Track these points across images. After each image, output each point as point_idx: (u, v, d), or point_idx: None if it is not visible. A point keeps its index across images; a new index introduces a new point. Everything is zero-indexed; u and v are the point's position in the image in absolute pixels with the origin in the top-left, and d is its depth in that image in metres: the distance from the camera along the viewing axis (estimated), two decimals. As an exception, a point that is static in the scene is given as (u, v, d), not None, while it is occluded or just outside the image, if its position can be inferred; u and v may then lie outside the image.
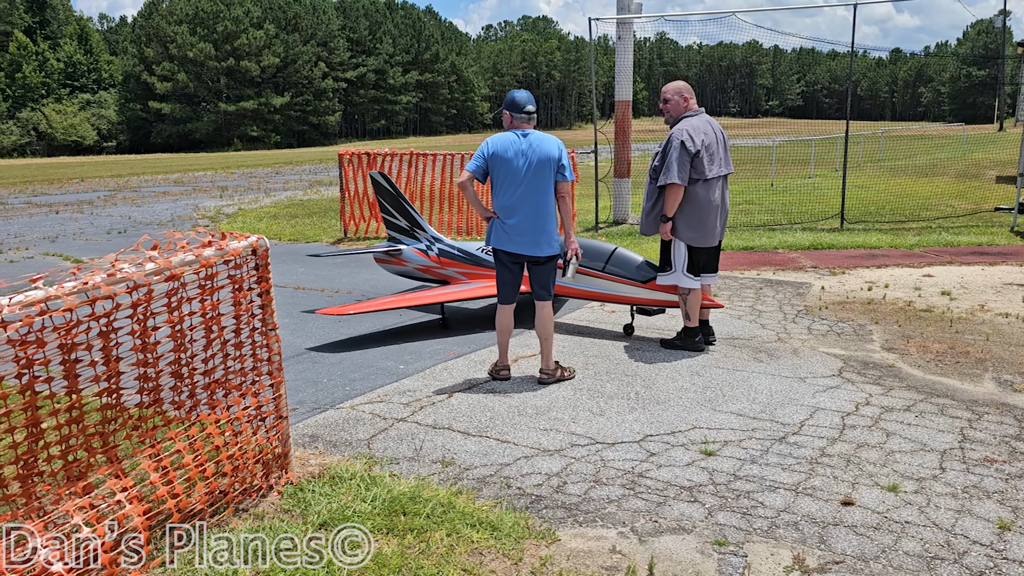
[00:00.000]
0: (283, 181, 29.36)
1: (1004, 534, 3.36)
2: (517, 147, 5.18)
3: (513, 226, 5.24)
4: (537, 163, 5.15)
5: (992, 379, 5.38)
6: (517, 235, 5.24)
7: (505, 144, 5.20)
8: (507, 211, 5.24)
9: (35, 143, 76.72)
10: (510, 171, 5.18)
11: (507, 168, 5.18)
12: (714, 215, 5.93)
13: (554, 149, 5.20)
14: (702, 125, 5.87)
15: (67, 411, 2.98)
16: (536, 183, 5.17)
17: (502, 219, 5.28)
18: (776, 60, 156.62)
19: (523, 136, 5.21)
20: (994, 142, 37.85)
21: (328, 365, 6.00)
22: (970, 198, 16.60)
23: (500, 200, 5.27)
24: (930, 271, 9.11)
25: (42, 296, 2.67)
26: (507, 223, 5.25)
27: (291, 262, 10.73)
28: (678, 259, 6.00)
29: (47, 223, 16.67)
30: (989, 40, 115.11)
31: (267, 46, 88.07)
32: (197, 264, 3.30)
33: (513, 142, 5.20)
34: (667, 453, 4.26)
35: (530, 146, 5.17)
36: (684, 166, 5.71)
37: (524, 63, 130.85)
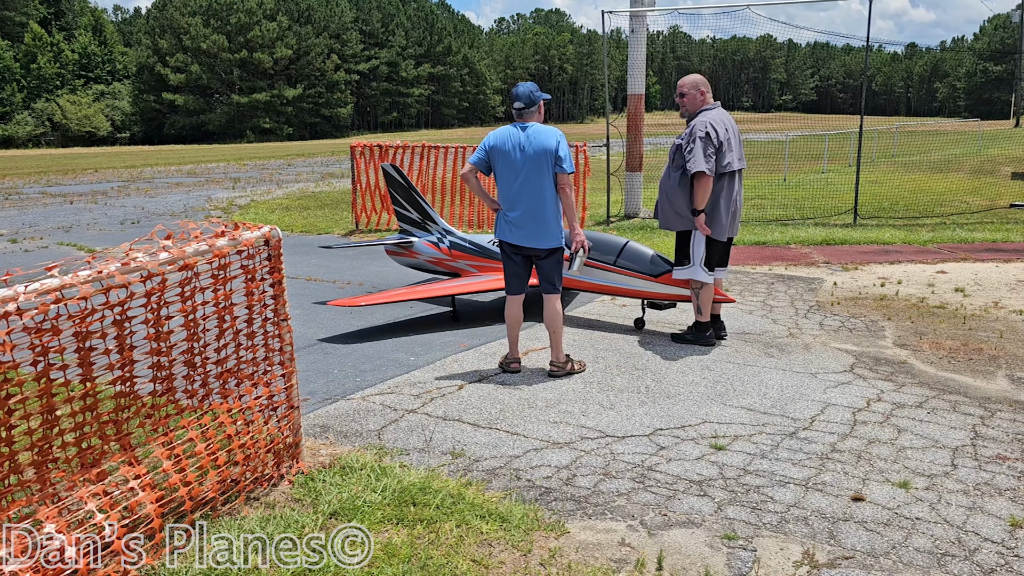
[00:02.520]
0: (295, 173, 29.43)
1: (1016, 532, 3.35)
2: (515, 140, 5.21)
3: (514, 219, 5.28)
4: (534, 155, 5.16)
5: (1005, 376, 5.34)
6: (518, 227, 5.29)
7: (504, 137, 5.25)
8: (508, 203, 5.30)
9: (50, 134, 77.12)
10: (509, 163, 5.22)
11: (506, 160, 5.23)
12: (728, 209, 5.91)
13: (551, 140, 5.18)
14: (721, 118, 5.85)
15: (81, 399, 3.01)
16: (534, 175, 5.19)
17: (504, 211, 5.34)
18: (790, 54, 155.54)
19: (522, 129, 5.24)
20: (1010, 138, 37.51)
21: (339, 356, 6.02)
22: (985, 194, 16.48)
23: (501, 193, 5.32)
24: (944, 267, 9.05)
25: (57, 284, 2.69)
26: (509, 216, 5.31)
27: (303, 253, 10.77)
28: (697, 253, 5.97)
29: (61, 213, 16.77)
30: (1006, 35, 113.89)
31: (280, 38, 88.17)
32: (210, 254, 3.31)
33: (512, 135, 5.23)
34: (677, 447, 4.25)
35: (527, 138, 5.19)
36: (710, 157, 5.69)
37: (536, 56, 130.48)
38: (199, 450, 3.46)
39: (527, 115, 5.28)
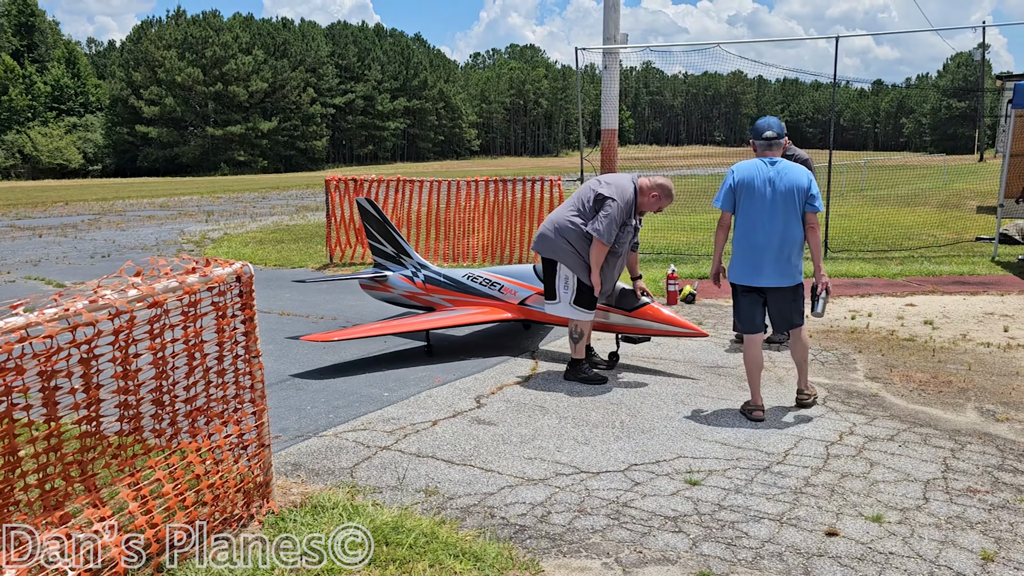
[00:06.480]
0: (270, 206, 29.33)
1: (987, 565, 3.36)
2: (765, 175, 5.11)
3: (757, 257, 5.11)
4: (785, 192, 5.06)
5: (975, 409, 5.41)
6: (762, 267, 5.11)
7: (752, 171, 5.14)
8: (751, 241, 5.11)
9: (20, 166, 76.29)
10: (758, 199, 5.08)
11: (753, 196, 5.09)
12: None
13: (803, 178, 5.11)
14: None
15: (45, 439, 2.94)
16: (782, 212, 5.06)
17: (744, 250, 5.16)
18: (760, 90, 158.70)
19: (770, 164, 5.17)
20: (974, 172, 38.42)
21: (312, 392, 5.96)
22: (952, 228, 16.80)
23: (742, 228, 5.16)
24: (913, 300, 9.18)
25: (22, 323, 2.65)
26: (750, 254, 5.14)
27: (276, 287, 10.69)
28: (568, 289, 6.06)
29: (30, 247, 16.55)
30: (969, 72, 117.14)
31: (256, 71, 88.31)
32: (180, 291, 3.28)
33: (760, 169, 5.14)
34: (652, 483, 4.24)
35: (778, 174, 5.10)
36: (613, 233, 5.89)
37: (512, 91, 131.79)
38: (167, 491, 3.39)
39: (775, 147, 5.24)
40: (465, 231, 12.80)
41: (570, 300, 6.05)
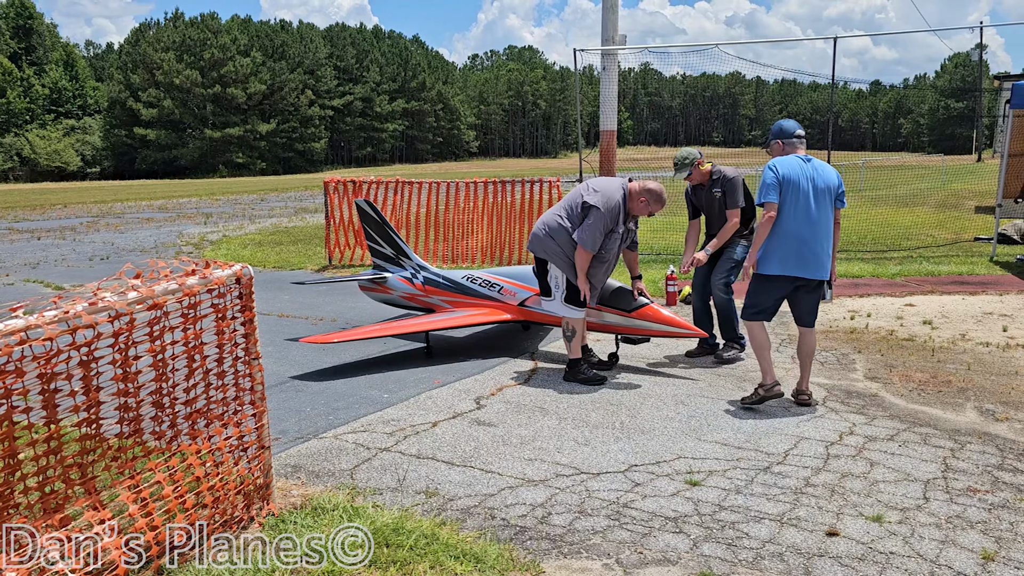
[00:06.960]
0: (268, 208, 29.33)
1: (988, 564, 3.36)
2: (805, 172, 5.32)
3: (798, 249, 5.29)
4: (823, 188, 5.31)
5: (974, 408, 5.41)
6: (803, 259, 5.29)
7: (795, 168, 5.32)
8: (795, 235, 5.29)
9: (18, 169, 76.31)
10: (800, 195, 5.29)
11: (797, 192, 5.29)
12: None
13: (835, 177, 5.41)
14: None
15: (45, 442, 2.94)
16: (821, 207, 5.31)
17: (783, 242, 5.30)
18: (758, 91, 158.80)
19: (807, 161, 5.38)
20: (973, 172, 38.44)
21: (312, 394, 5.96)
22: (950, 228, 16.81)
23: (789, 223, 5.29)
24: (912, 300, 9.19)
25: (22, 325, 2.65)
26: (790, 247, 5.29)
27: (275, 289, 10.68)
28: (560, 286, 6.15)
29: (29, 249, 16.54)
30: (966, 73, 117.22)
31: (254, 73, 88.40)
32: (180, 293, 3.28)
33: (800, 166, 5.34)
34: (652, 483, 4.24)
35: (815, 171, 5.35)
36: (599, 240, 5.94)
37: (510, 92, 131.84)
38: (167, 493, 3.39)
39: (803, 146, 5.49)
40: (464, 232, 12.81)
41: (562, 298, 6.12)
